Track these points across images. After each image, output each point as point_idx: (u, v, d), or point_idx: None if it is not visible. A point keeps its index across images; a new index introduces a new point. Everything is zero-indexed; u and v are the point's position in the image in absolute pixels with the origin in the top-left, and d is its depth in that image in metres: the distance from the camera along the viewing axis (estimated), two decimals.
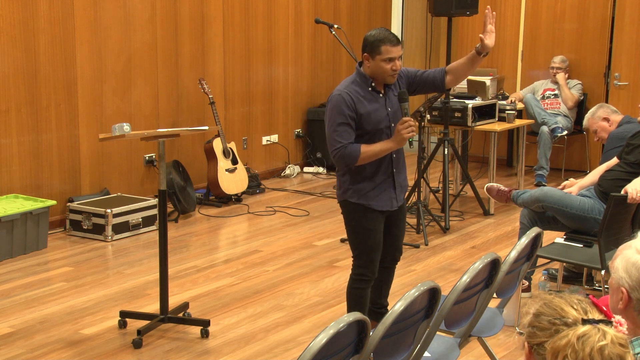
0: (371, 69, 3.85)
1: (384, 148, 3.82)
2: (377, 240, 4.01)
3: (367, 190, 3.92)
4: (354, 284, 4.08)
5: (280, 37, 8.28)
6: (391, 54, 3.79)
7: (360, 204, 3.93)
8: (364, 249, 4.02)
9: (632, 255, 2.18)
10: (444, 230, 6.45)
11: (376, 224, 3.98)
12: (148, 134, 4.37)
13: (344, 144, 3.78)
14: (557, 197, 4.88)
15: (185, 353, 4.22)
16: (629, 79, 8.17)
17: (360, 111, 3.81)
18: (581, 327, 1.73)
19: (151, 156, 7.09)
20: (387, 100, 3.91)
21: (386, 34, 3.83)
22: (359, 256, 4.05)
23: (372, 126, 3.84)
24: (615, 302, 2.21)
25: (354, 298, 4.08)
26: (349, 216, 4.02)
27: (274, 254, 5.91)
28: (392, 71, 3.82)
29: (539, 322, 1.79)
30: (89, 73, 6.50)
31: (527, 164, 8.03)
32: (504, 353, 4.20)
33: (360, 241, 4.02)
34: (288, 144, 8.56)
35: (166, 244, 4.43)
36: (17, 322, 4.58)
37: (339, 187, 4.02)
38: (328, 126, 3.83)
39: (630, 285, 2.16)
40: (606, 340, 1.70)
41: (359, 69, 3.91)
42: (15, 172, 6.07)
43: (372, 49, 3.81)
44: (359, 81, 3.88)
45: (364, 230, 3.98)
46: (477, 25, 8.93)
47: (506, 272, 3.37)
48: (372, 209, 3.95)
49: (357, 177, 3.92)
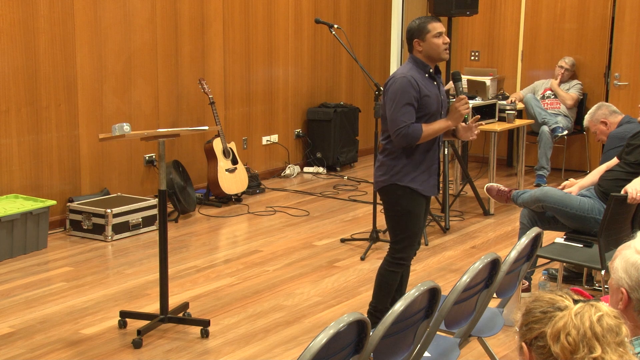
0: (424, 51, 4.06)
1: (442, 126, 4.05)
2: (421, 226, 4.19)
3: (417, 174, 4.07)
4: (390, 267, 4.18)
5: (280, 37, 8.28)
6: (439, 29, 4.05)
7: (408, 187, 4.06)
8: (408, 234, 4.12)
9: (632, 255, 2.18)
10: (444, 230, 6.45)
11: (421, 209, 4.14)
12: (148, 134, 4.37)
13: (408, 123, 3.96)
14: (557, 197, 4.88)
15: (185, 353, 4.22)
16: (629, 79, 8.17)
17: (423, 93, 4.00)
18: (574, 306, 1.80)
19: (151, 156, 7.09)
20: (440, 88, 4.14)
21: (427, 17, 4.15)
22: (401, 241, 4.14)
23: (429, 109, 4.04)
24: (615, 302, 2.21)
25: (388, 281, 4.17)
26: (394, 200, 4.10)
27: (274, 254, 5.91)
28: (444, 45, 4.06)
29: (532, 316, 1.83)
30: (89, 73, 6.50)
31: (527, 164, 8.03)
32: (504, 353, 4.20)
33: (404, 225, 4.11)
34: (288, 144, 8.56)
35: (166, 244, 4.43)
36: (17, 322, 4.58)
37: (384, 172, 4.10)
38: (392, 106, 3.98)
39: (630, 286, 2.16)
40: (602, 311, 1.77)
41: (414, 56, 4.09)
42: (15, 172, 6.07)
43: (421, 31, 4.05)
44: (416, 68, 4.06)
45: (410, 215, 4.09)
46: (477, 25, 8.93)
47: (506, 272, 3.37)
48: (419, 193, 4.09)
49: (409, 161, 4.06)
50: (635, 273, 2.16)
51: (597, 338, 1.74)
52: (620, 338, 1.76)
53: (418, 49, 4.06)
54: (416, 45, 4.06)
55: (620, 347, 1.76)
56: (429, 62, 4.08)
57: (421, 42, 4.05)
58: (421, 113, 4.01)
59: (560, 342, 1.75)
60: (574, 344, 1.74)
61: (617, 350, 1.75)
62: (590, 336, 1.74)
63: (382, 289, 4.18)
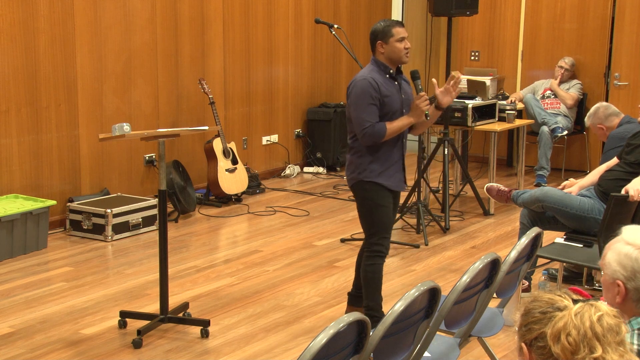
0: (386, 53, 4.23)
1: (405, 123, 4.23)
2: (391, 217, 4.36)
3: (382, 170, 4.24)
4: (371, 260, 4.31)
5: (280, 37, 8.28)
6: (402, 34, 4.22)
7: (376, 182, 4.24)
8: (380, 226, 4.29)
9: (622, 247, 2.23)
10: (444, 230, 6.45)
11: (389, 202, 4.32)
12: (148, 134, 4.38)
13: (372, 122, 4.14)
14: (557, 197, 4.88)
15: (185, 353, 4.22)
16: (629, 79, 8.17)
17: (383, 94, 4.18)
18: (574, 306, 1.79)
19: (151, 156, 7.09)
20: (401, 88, 4.30)
21: (391, 20, 4.32)
22: (375, 233, 4.30)
23: (390, 108, 4.21)
24: (612, 298, 2.23)
25: (373, 275, 4.31)
26: (364, 196, 4.30)
27: (274, 254, 5.91)
28: (405, 50, 4.23)
29: (531, 316, 1.83)
30: (89, 73, 6.50)
31: (527, 164, 8.03)
32: (504, 353, 4.20)
33: (376, 219, 4.28)
34: (288, 144, 8.56)
35: (166, 244, 4.43)
36: (17, 322, 4.58)
37: (352, 170, 4.30)
38: (356, 108, 4.18)
39: (625, 276, 2.19)
40: (601, 311, 1.77)
41: (376, 59, 4.26)
42: (15, 172, 6.07)
43: (385, 34, 4.21)
44: (377, 69, 4.24)
45: (380, 208, 4.27)
46: (477, 25, 8.93)
47: (506, 272, 3.37)
48: (387, 188, 4.28)
49: (374, 158, 4.23)
50: (629, 262, 2.19)
51: (597, 338, 1.74)
52: (621, 337, 1.77)
53: (380, 50, 4.24)
54: (379, 47, 4.24)
55: (620, 346, 1.76)
56: (390, 65, 4.25)
57: (384, 45, 4.22)
58: (383, 112, 4.19)
59: (561, 343, 1.75)
60: (575, 344, 1.74)
61: (617, 350, 1.75)
62: (591, 336, 1.74)
63: (370, 284, 4.32)
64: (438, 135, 7.05)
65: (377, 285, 4.32)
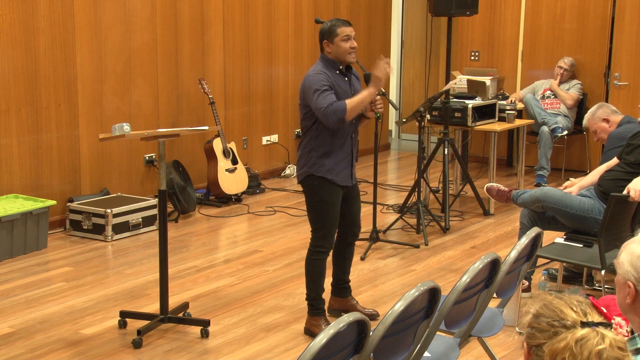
0: (333, 52, 4.30)
1: (365, 94, 4.24)
2: (337, 214, 4.40)
3: (330, 165, 4.30)
4: (313, 256, 4.41)
5: (280, 37, 8.28)
6: (347, 32, 4.27)
7: (324, 177, 4.30)
8: (325, 223, 4.37)
9: (637, 248, 2.20)
10: (444, 230, 6.45)
11: (337, 198, 4.37)
12: (148, 134, 4.38)
13: (331, 102, 4.15)
14: (557, 197, 4.88)
15: (185, 353, 4.22)
16: (629, 79, 8.17)
17: (334, 86, 4.23)
18: (580, 330, 1.71)
19: (151, 156, 7.09)
20: (351, 85, 4.36)
21: (338, 19, 4.37)
22: (319, 229, 4.38)
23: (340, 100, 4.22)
24: (623, 298, 2.21)
25: (313, 269, 4.42)
26: (312, 191, 4.36)
27: (274, 254, 5.91)
28: (350, 49, 4.28)
29: (538, 323, 1.78)
30: (89, 73, 6.50)
31: (527, 164, 8.03)
32: (504, 353, 4.20)
33: (322, 215, 4.36)
34: (288, 144, 8.56)
35: (166, 244, 4.43)
36: (17, 322, 4.58)
37: (302, 165, 4.35)
38: (312, 95, 4.18)
39: (637, 278, 2.17)
40: (605, 343, 1.68)
41: (324, 55, 4.33)
42: (15, 172, 6.07)
43: (330, 33, 4.29)
44: (327, 66, 4.30)
45: (326, 204, 4.34)
46: (477, 25, 8.93)
47: (506, 272, 3.37)
48: (334, 183, 4.33)
49: (322, 153, 4.28)
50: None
51: None
52: None
53: (327, 49, 4.32)
54: (325, 46, 4.32)
55: None
56: (338, 62, 4.31)
57: (330, 44, 4.30)
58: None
59: None
60: None
61: None
62: None
63: (310, 277, 4.42)
64: (438, 135, 7.05)
65: (318, 278, 4.42)
